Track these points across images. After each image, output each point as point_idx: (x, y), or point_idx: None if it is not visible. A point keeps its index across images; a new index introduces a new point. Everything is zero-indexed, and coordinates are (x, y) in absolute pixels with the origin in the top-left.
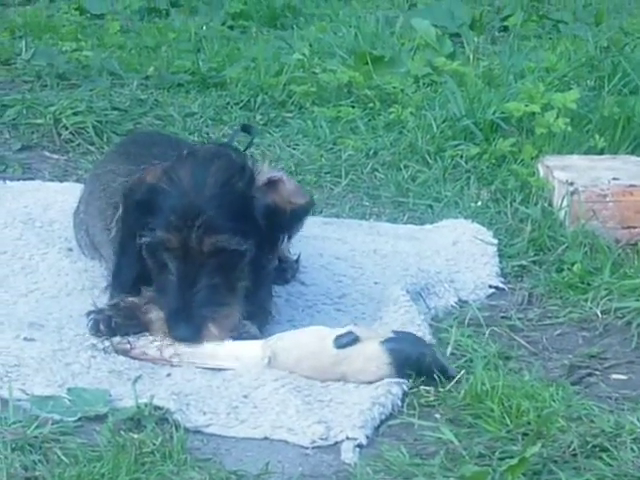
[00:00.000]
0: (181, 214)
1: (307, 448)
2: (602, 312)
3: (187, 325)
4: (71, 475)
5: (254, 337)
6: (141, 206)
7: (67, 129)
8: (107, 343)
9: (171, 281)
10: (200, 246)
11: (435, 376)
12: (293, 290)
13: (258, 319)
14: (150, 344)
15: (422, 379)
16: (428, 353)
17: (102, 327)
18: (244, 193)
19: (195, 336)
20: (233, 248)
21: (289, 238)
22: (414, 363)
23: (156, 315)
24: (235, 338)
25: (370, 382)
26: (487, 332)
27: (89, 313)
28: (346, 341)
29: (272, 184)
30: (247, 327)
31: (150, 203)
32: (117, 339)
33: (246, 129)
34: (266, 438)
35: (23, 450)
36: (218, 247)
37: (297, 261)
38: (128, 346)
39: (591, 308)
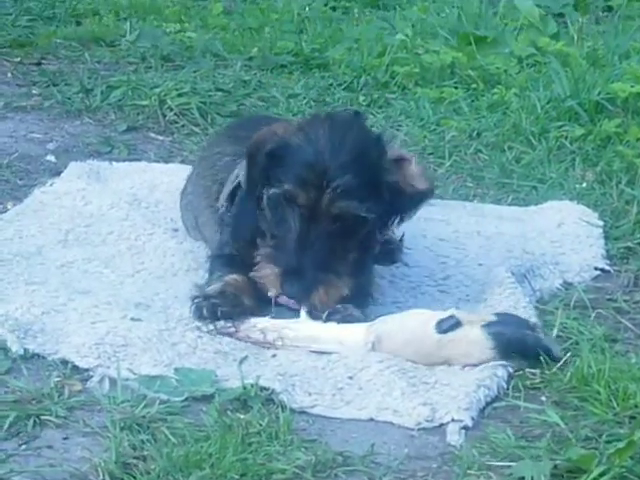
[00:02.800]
0: (317, 172)
1: (412, 430)
2: None
3: (300, 283)
4: (179, 455)
5: (357, 320)
6: (271, 157)
7: (172, 110)
8: (211, 327)
9: (290, 238)
10: (329, 208)
11: (540, 358)
12: (397, 272)
13: (360, 302)
14: (253, 328)
15: (527, 362)
16: (530, 334)
17: (205, 313)
18: (376, 164)
19: (305, 296)
20: (360, 215)
21: (401, 221)
22: (517, 345)
23: (270, 270)
24: (339, 321)
25: (474, 365)
26: (593, 314)
27: (193, 298)
28: (448, 325)
29: (400, 162)
30: (350, 310)
31: (282, 155)
32: (221, 323)
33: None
34: (371, 419)
35: (131, 429)
36: (347, 212)
37: (401, 240)
38: (232, 329)
39: None
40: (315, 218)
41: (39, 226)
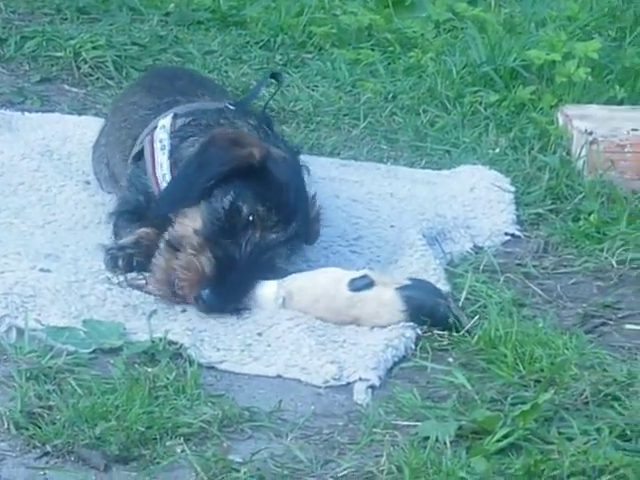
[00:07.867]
0: (278, 211)
1: (320, 387)
2: (617, 262)
3: (223, 300)
4: (85, 406)
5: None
6: (247, 173)
7: (86, 63)
8: (121, 278)
9: (231, 251)
10: (274, 243)
11: (448, 327)
12: None
13: None
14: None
15: (435, 328)
16: (443, 303)
17: (121, 264)
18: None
19: (218, 310)
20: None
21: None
22: (428, 312)
23: (205, 261)
24: None
25: (383, 327)
26: (502, 279)
27: (108, 249)
28: (361, 285)
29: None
30: None
31: (253, 177)
32: (132, 275)
33: (275, 77)
34: (279, 376)
35: (38, 380)
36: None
37: (313, 198)
38: (143, 282)
39: (606, 258)
40: (259, 244)
41: None
